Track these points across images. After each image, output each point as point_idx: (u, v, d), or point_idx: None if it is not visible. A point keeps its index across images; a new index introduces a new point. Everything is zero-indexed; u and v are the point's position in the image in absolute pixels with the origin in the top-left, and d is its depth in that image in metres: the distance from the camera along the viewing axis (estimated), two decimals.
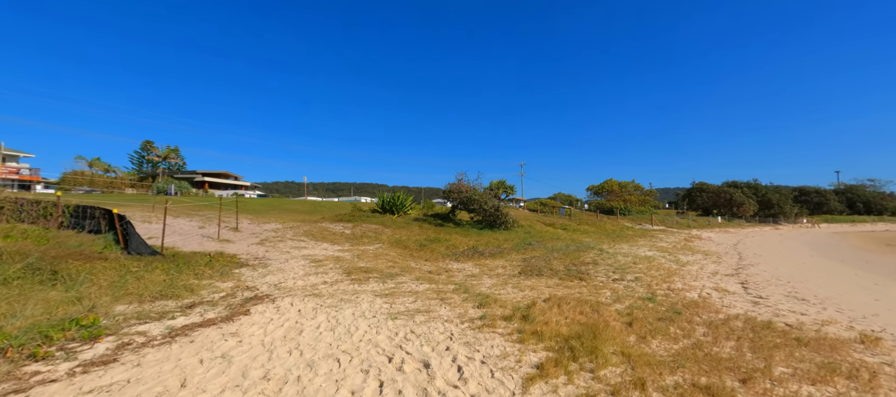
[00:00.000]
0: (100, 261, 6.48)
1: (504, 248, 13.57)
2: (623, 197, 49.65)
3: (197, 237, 12.23)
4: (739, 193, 45.39)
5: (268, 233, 14.12)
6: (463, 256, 11.62)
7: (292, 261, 9.16)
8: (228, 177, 60.28)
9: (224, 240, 12.02)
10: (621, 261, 12.23)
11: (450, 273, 8.94)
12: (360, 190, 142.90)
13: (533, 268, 9.79)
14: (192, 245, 10.76)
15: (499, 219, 20.41)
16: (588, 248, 15.46)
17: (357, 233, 15.31)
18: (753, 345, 4.70)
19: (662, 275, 9.82)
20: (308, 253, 10.55)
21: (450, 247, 13.30)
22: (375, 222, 18.21)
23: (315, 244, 12.44)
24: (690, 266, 12.35)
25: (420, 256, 11.38)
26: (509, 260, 11.38)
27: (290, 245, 11.81)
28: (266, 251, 10.49)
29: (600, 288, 7.78)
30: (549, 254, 13.05)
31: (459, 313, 5.33)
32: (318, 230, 15.38)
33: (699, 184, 50.87)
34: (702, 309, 6.54)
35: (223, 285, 6.49)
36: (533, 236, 19.25)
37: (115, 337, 4.00)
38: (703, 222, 40.08)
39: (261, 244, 11.65)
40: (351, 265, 9.01)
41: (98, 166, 54.70)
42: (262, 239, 12.66)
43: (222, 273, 7.35)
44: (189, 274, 6.92)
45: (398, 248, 12.65)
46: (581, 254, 13.62)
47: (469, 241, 14.79)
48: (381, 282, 7.36)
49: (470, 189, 20.44)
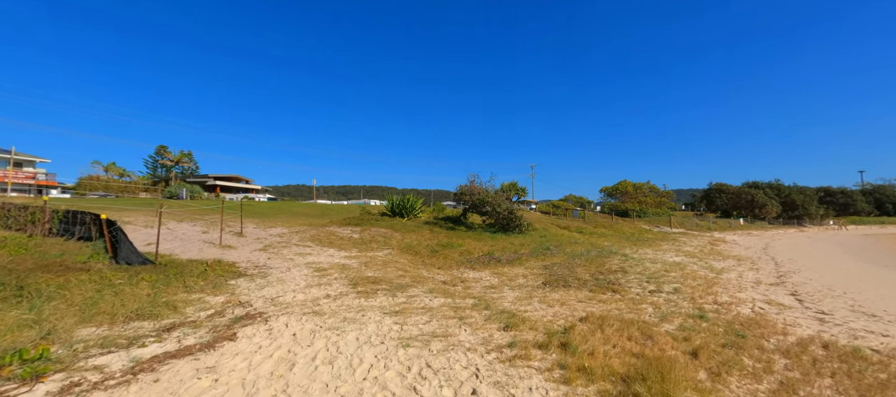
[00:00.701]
0: (79, 274, 5.80)
1: (521, 254, 12.63)
2: (638, 198, 48.01)
3: (198, 243, 11.61)
4: (761, 194, 43.38)
5: (272, 238, 13.45)
6: (478, 263, 10.73)
7: (294, 270, 8.40)
8: (240, 181, 60.44)
9: (226, 245, 11.35)
10: (651, 268, 11.19)
11: (466, 283, 8.07)
12: (370, 193, 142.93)
13: (557, 278, 8.85)
14: (192, 252, 10.11)
15: (513, 222, 19.46)
16: (611, 254, 14.41)
17: (365, 238, 14.55)
18: (857, 384, 3.73)
19: (702, 286, 8.78)
20: (312, 260, 9.80)
21: (463, 252, 12.42)
22: (384, 226, 17.44)
23: (321, 250, 11.70)
24: (727, 273, 11.24)
25: (432, 263, 10.54)
26: (529, 267, 10.45)
27: (294, 251, 11.08)
28: (268, 258, 9.77)
29: (638, 302, 6.81)
30: (571, 260, 12.07)
31: (483, 338, 4.46)
32: (325, 235, 14.66)
33: (717, 184, 48.91)
34: (764, 330, 5.55)
35: (214, 300, 5.74)
36: (549, 240, 18.24)
37: (65, 374, 3.24)
38: (724, 224, 38.39)
39: (263, 250, 10.95)
40: (357, 274, 8.21)
41: (114, 171, 55.39)
42: (266, 244, 11.97)
43: (216, 285, 6.61)
44: (178, 286, 6.20)
45: (409, 254, 11.83)
46: (605, 260, 12.60)
47: (483, 246, 13.89)
48: (390, 295, 6.53)
49: (483, 191, 19.54)
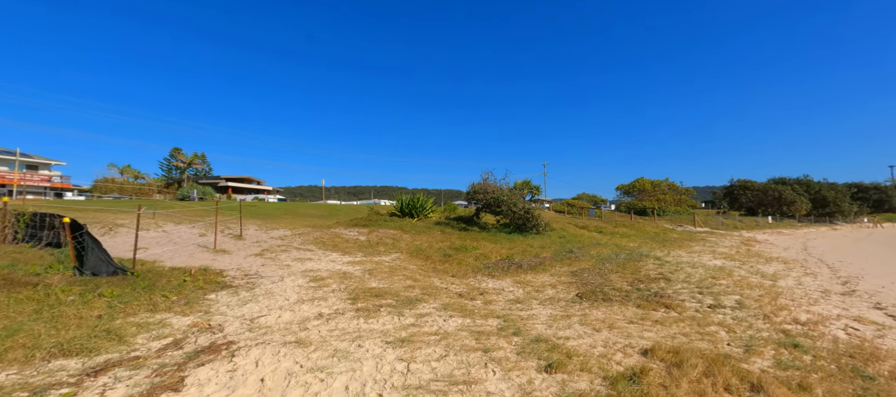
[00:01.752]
0: (21, 289, 4.76)
1: (543, 258, 11.31)
2: (656, 196, 45.95)
3: (192, 247, 10.64)
4: (789, 191, 40.79)
5: (273, 241, 12.42)
6: (497, 270, 9.46)
7: (288, 280, 7.27)
8: (251, 182, 60.31)
9: (220, 250, 10.34)
10: (693, 274, 9.74)
11: (486, 296, 6.82)
12: (381, 193, 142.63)
13: (592, 288, 7.52)
14: (181, 257, 9.11)
15: (529, 222, 18.11)
16: (641, 257, 12.95)
17: (372, 240, 13.42)
18: None
19: (766, 298, 7.33)
20: (311, 267, 8.68)
21: (479, 256, 11.16)
22: (393, 227, 16.30)
23: (323, 254, 10.60)
24: (782, 280, 9.71)
25: (445, 270, 9.31)
26: (556, 274, 9.14)
27: (293, 256, 10.00)
28: (262, 264, 8.69)
29: (703, 322, 5.45)
30: (600, 265, 10.69)
31: (521, 386, 3.21)
32: (330, 237, 13.59)
33: (741, 181, 46.29)
34: (882, 364, 4.17)
35: (179, 322, 4.62)
36: (570, 241, 16.84)
37: None
38: (751, 223, 36.19)
39: (260, 255, 9.89)
40: (359, 285, 7.04)
41: (129, 173, 55.79)
42: (264, 248, 10.93)
43: (190, 300, 5.52)
44: (142, 303, 5.12)
45: (418, 259, 10.63)
46: (638, 264, 11.19)
47: (500, 249, 12.60)
48: (395, 313, 5.33)
49: (497, 189, 18.23)
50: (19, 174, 33.75)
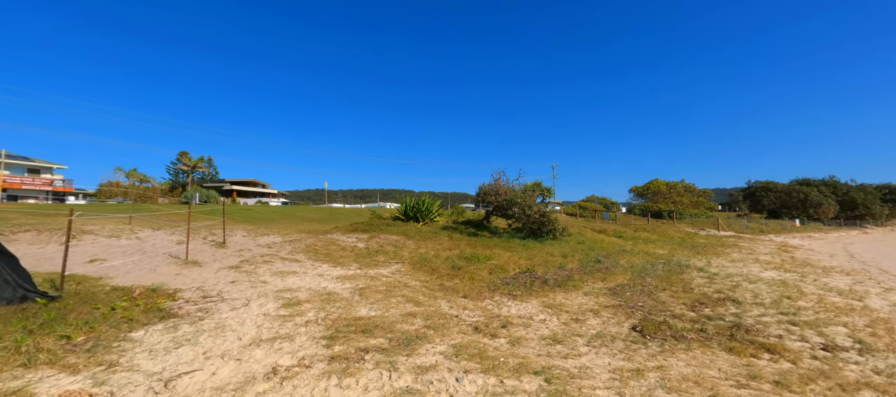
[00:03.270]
0: None
1: (570, 271, 9.52)
2: (672, 198, 43.66)
3: (161, 257, 9.09)
4: (815, 192, 38.24)
5: (258, 249, 10.84)
6: (518, 287, 7.70)
7: (255, 304, 5.63)
8: (256, 186, 59.31)
9: (192, 261, 8.77)
10: (758, 291, 7.89)
11: (511, 329, 5.09)
12: (387, 196, 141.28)
13: (647, 316, 5.74)
14: (140, 271, 7.54)
15: (545, 226, 16.31)
16: (681, 267, 11.09)
17: (371, 248, 11.77)
18: None
19: (879, 330, 5.49)
20: (291, 285, 7.03)
21: (494, 268, 9.41)
22: (396, 232, 14.65)
23: (311, 266, 8.96)
24: (869, 298, 7.80)
25: (455, 287, 7.59)
26: (591, 293, 7.37)
27: (274, 269, 8.37)
28: (232, 281, 7.06)
29: (840, 380, 3.66)
30: (639, 279, 8.88)
31: None
32: (324, 245, 11.97)
33: (763, 182, 43.68)
34: None
35: (51, 389, 3.00)
36: (593, 248, 15.00)
37: None
38: (775, 226, 33.85)
39: (236, 267, 8.29)
40: (344, 313, 5.36)
41: (135, 177, 55.09)
42: (244, 259, 9.34)
43: (100, 343, 3.89)
44: (10, 354, 3.50)
45: (423, 272, 8.93)
46: (681, 278, 9.35)
47: (517, 259, 10.84)
48: (386, 363, 3.64)
49: (510, 190, 16.49)
50: (5, 174, 32.85)
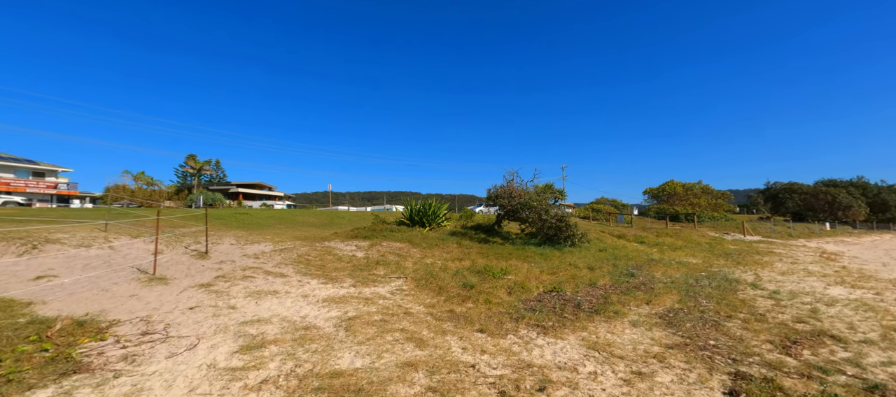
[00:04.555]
0: None
1: (604, 290, 7.94)
2: (689, 200, 41.55)
3: (126, 271, 7.76)
4: (844, 194, 35.85)
5: (243, 261, 9.48)
6: (548, 314, 6.16)
7: (202, 349, 4.21)
8: (263, 188, 58.54)
9: (158, 278, 7.41)
10: (846, 318, 6.25)
11: (551, 392, 3.58)
12: (394, 198, 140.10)
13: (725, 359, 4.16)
14: (89, 292, 6.19)
15: (562, 232, 14.75)
16: (729, 282, 9.43)
17: (371, 259, 10.34)
18: None
19: None
20: (264, 312, 5.61)
21: (514, 287, 7.88)
22: (400, 239, 13.22)
23: (297, 283, 7.54)
24: None
25: (468, 315, 6.08)
26: (640, 323, 5.80)
27: (252, 288, 6.97)
28: (191, 307, 5.66)
29: None
30: (691, 300, 7.26)
31: None
32: (319, 254, 10.58)
33: (786, 184, 41.26)
34: None
35: None
36: (618, 257, 13.38)
37: None
38: (802, 229, 31.64)
39: (206, 286, 6.89)
40: (319, 365, 3.91)
41: (142, 180, 54.72)
42: (222, 273, 7.96)
43: None
44: None
45: (428, 292, 7.44)
46: (739, 298, 7.71)
47: (539, 273, 9.30)
48: None
49: (524, 192, 14.95)
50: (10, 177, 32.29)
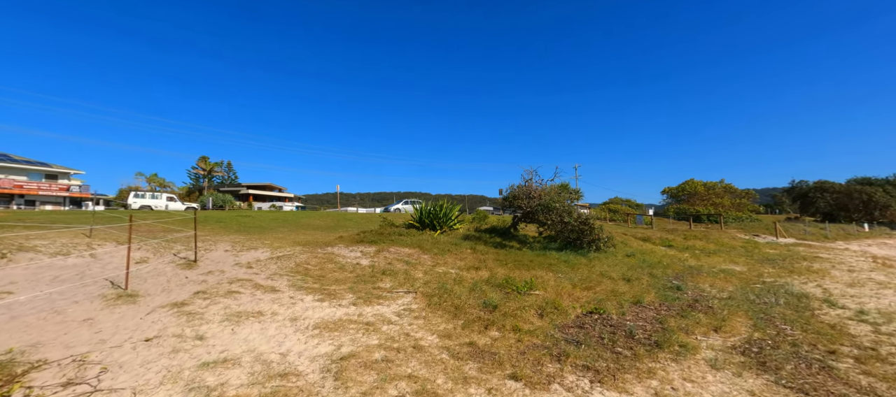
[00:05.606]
0: None
1: (657, 311, 6.56)
2: (711, 200, 39.45)
3: (96, 286, 6.72)
4: (880, 193, 33.39)
5: (234, 271, 8.39)
6: (596, 348, 4.83)
7: None
8: (273, 190, 58.21)
9: (128, 294, 6.34)
10: None
11: None
12: (403, 199, 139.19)
13: None
14: (38, 314, 5.11)
15: (585, 235, 13.38)
16: (797, 298, 7.94)
17: (377, 268, 9.15)
18: None
19: None
20: (238, 345, 4.43)
21: (545, 307, 6.55)
22: (409, 244, 12.02)
23: (288, 301, 6.37)
24: None
25: (494, 350, 4.79)
26: (722, 364, 4.42)
27: (233, 308, 5.83)
28: (150, 338, 4.53)
29: None
30: (769, 326, 5.85)
31: None
32: (319, 262, 9.44)
33: (817, 182, 38.73)
34: None
35: None
36: (650, 264, 11.94)
37: None
38: (837, 231, 29.43)
39: (179, 306, 5.78)
40: None
41: (155, 182, 54.92)
42: (204, 288, 6.86)
43: None
44: None
45: (443, 314, 6.18)
46: (824, 322, 6.25)
47: (570, 287, 7.96)
48: None
49: (544, 192, 13.59)
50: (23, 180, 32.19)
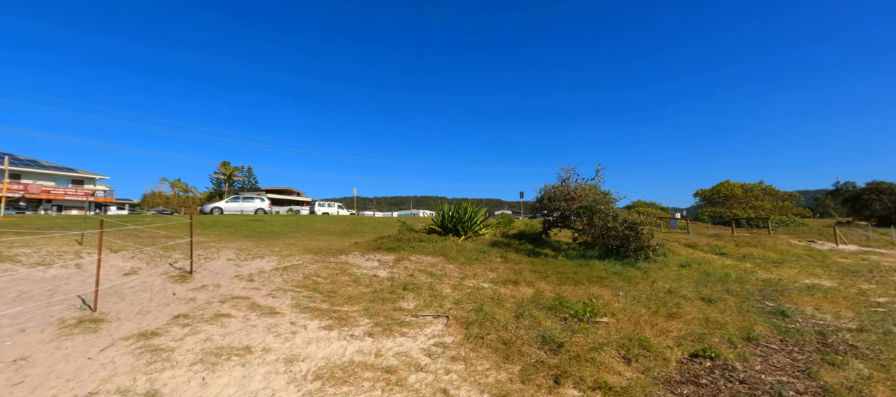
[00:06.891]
0: None
1: (789, 353, 4.84)
2: (749, 203, 36.44)
3: (64, 306, 5.53)
4: None
5: (232, 285, 7.11)
6: None
7: None
8: (291, 194, 58.07)
9: (95, 318, 5.10)
10: None
11: None
12: (420, 203, 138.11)
13: None
14: None
15: (631, 242, 11.60)
16: None
17: (397, 280, 7.71)
18: None
19: None
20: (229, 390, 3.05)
21: (626, 345, 4.92)
22: (432, 251, 10.55)
23: (288, 328, 4.98)
24: None
25: None
26: None
27: (216, 340, 4.48)
28: (90, 393, 3.22)
29: None
30: None
31: None
32: (331, 274, 8.08)
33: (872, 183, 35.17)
34: None
35: None
36: (717, 277, 10.08)
37: None
38: None
39: (146, 339, 4.47)
40: None
41: (178, 187, 55.70)
42: (186, 310, 5.56)
43: None
44: None
45: (488, 353, 4.65)
46: None
47: (646, 312, 6.28)
48: None
49: (585, 193, 11.88)
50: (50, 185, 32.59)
